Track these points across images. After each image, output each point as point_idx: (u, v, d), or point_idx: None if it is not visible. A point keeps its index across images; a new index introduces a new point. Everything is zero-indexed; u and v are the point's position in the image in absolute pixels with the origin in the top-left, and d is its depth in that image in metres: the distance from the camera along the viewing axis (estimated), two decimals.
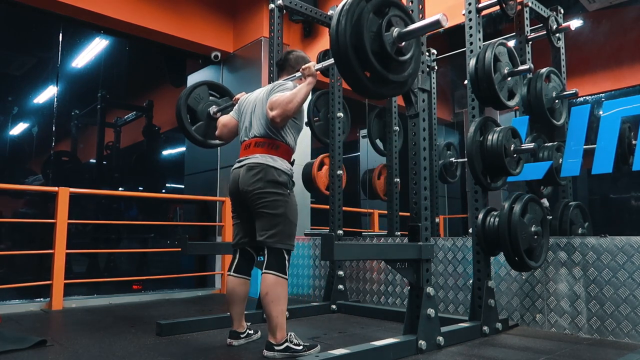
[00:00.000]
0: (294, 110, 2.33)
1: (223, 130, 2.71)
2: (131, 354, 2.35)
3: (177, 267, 5.44)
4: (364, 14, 1.97)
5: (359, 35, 1.95)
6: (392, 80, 2.09)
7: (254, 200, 2.38)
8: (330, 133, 3.97)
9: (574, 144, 3.11)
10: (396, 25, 2.08)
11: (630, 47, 3.84)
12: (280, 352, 2.24)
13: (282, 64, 2.70)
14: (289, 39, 5.42)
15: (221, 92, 3.36)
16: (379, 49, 2.03)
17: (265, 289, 2.27)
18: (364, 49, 1.96)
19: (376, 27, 2.03)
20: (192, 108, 3.17)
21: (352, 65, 1.98)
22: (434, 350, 2.39)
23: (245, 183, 2.39)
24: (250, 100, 2.59)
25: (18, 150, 4.90)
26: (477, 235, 2.79)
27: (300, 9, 3.75)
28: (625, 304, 2.61)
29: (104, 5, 4.60)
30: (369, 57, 1.97)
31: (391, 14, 2.08)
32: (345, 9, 1.97)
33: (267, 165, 2.37)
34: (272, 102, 2.35)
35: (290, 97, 2.31)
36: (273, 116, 2.32)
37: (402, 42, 2.08)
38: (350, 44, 1.95)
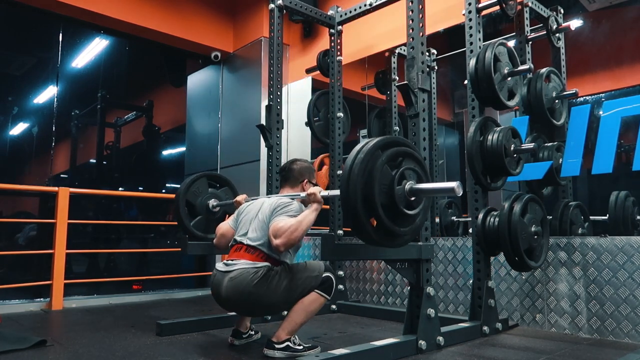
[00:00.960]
0: (299, 239, 2.25)
1: (221, 241, 2.60)
2: (131, 354, 2.35)
3: (177, 267, 5.44)
4: (377, 166, 1.90)
5: (370, 186, 1.88)
6: (398, 233, 2.01)
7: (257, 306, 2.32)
8: (330, 133, 3.97)
9: (574, 144, 3.10)
10: (409, 178, 2.01)
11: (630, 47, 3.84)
12: (280, 351, 2.24)
13: (285, 174, 2.62)
14: (289, 39, 5.43)
15: (221, 182, 3.30)
16: (389, 202, 1.95)
17: (305, 300, 2.27)
18: (373, 201, 1.88)
19: (388, 180, 1.95)
20: (191, 202, 3.10)
21: (359, 216, 1.89)
22: (434, 350, 2.39)
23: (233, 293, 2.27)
24: (251, 210, 2.50)
25: (18, 150, 4.90)
26: (477, 235, 2.79)
27: (300, 9, 3.75)
28: (625, 304, 2.61)
29: (104, 5, 4.60)
30: (378, 209, 1.90)
31: (405, 167, 2.00)
32: (360, 158, 1.88)
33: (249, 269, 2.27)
34: (276, 229, 2.24)
35: (295, 226, 2.22)
36: (277, 244, 2.22)
37: (413, 197, 2.00)
38: (360, 194, 1.87)
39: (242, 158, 5.17)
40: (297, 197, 2.47)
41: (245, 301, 2.27)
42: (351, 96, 4.51)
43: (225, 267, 2.34)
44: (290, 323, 2.27)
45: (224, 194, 3.25)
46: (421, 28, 2.71)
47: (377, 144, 1.95)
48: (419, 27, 2.70)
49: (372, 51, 4.71)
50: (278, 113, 3.52)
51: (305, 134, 4.77)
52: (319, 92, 4.17)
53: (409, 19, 2.74)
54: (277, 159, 3.48)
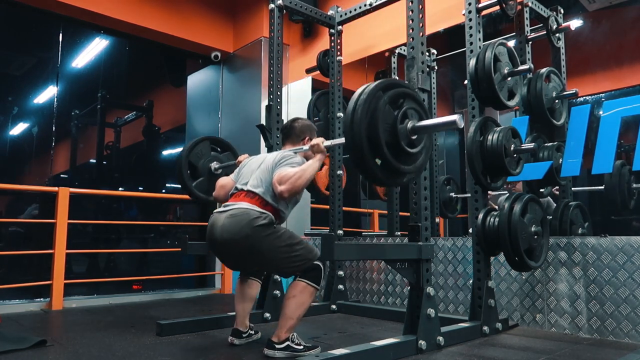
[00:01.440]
0: (303, 186, 2.28)
1: (220, 192, 2.60)
2: (131, 354, 2.35)
3: (177, 267, 5.44)
4: (380, 106, 1.94)
5: (374, 126, 1.92)
6: (401, 170, 2.05)
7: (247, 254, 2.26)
8: (330, 133, 3.97)
9: (574, 144, 3.10)
10: (411, 118, 2.05)
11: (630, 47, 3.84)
12: (281, 351, 2.24)
13: (287, 132, 2.64)
14: (289, 39, 5.43)
15: (223, 147, 3.33)
16: (393, 141, 1.99)
17: (294, 292, 2.26)
18: (378, 140, 1.92)
19: (391, 119, 2.00)
20: (193, 164, 3.13)
21: (365, 156, 1.94)
22: (434, 350, 2.39)
23: (229, 231, 2.24)
24: (253, 163, 2.51)
25: (18, 150, 4.90)
26: (477, 235, 2.79)
27: (300, 9, 3.75)
28: (625, 304, 2.61)
29: (104, 5, 4.60)
30: (383, 148, 1.94)
31: (406, 107, 2.04)
32: (362, 99, 1.93)
33: (249, 209, 2.27)
34: (280, 177, 2.27)
35: (300, 174, 2.25)
36: (281, 191, 2.25)
37: (415, 135, 2.05)
38: (365, 135, 1.91)
39: None
40: (300, 151, 2.50)
41: (239, 243, 2.22)
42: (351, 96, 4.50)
43: (224, 208, 2.33)
44: (287, 319, 2.26)
45: (226, 158, 3.28)
46: (421, 28, 2.71)
47: (378, 85, 1.99)
48: (419, 27, 2.70)
49: (372, 51, 4.71)
50: (278, 113, 3.52)
51: None
52: (319, 92, 4.17)
53: (409, 19, 2.74)
54: None
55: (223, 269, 4.96)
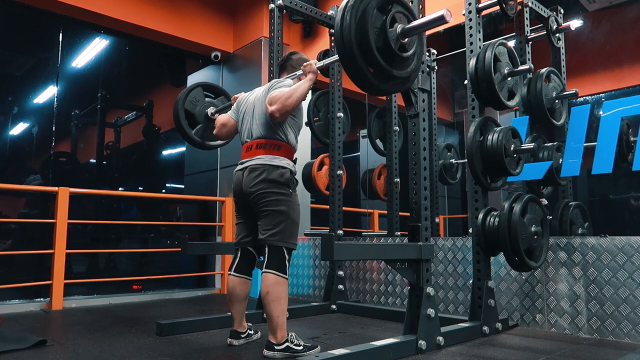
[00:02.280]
0: (294, 106, 2.33)
1: (222, 130, 2.69)
2: (131, 354, 2.35)
3: (177, 267, 5.44)
4: (368, 10, 1.98)
5: (363, 31, 1.96)
6: (395, 75, 2.10)
7: (257, 201, 2.38)
8: (330, 133, 3.97)
9: (574, 144, 3.10)
10: (400, 21, 2.09)
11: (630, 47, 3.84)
12: (280, 352, 2.24)
13: (283, 63, 2.71)
14: (289, 39, 5.42)
15: (216, 92, 3.35)
16: (383, 45, 2.04)
17: (266, 289, 2.27)
18: (368, 44, 1.97)
19: (380, 23, 2.04)
20: (190, 112, 3.16)
21: (356, 61, 1.99)
22: (434, 350, 2.39)
23: (248, 185, 2.39)
24: (250, 100, 2.58)
25: (18, 150, 4.90)
26: (477, 235, 2.79)
27: (300, 9, 3.75)
28: (625, 304, 2.61)
29: (104, 5, 4.60)
30: (374, 52, 1.98)
31: (395, 10, 2.09)
32: (350, 5, 1.97)
33: (269, 166, 2.37)
34: (271, 98, 2.35)
35: (290, 93, 2.32)
36: (272, 111, 2.32)
37: (406, 38, 2.09)
38: (355, 40, 1.96)
39: None
40: (293, 76, 2.56)
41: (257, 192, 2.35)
42: (351, 96, 4.50)
43: (242, 165, 2.45)
44: (273, 320, 2.25)
45: (221, 102, 3.31)
46: None
47: None
48: None
49: None
50: None
51: (305, 134, 4.76)
52: (319, 92, 4.17)
53: None
54: None
55: (223, 268, 4.96)
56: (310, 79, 2.39)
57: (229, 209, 4.96)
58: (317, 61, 2.46)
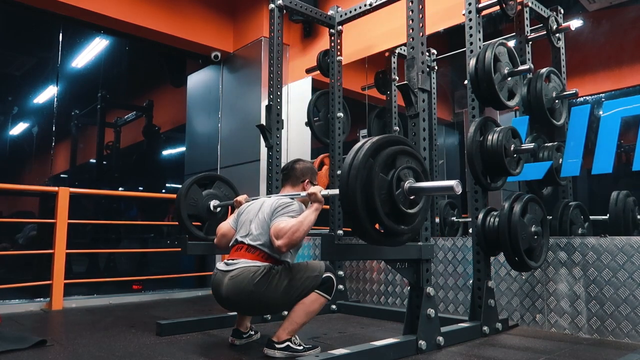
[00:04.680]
0: (301, 239, 2.25)
1: (222, 241, 2.59)
2: (131, 354, 2.35)
3: (177, 267, 5.44)
4: (373, 177, 1.89)
5: (370, 198, 1.88)
6: (402, 232, 2.03)
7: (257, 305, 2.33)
8: (330, 133, 3.97)
9: (574, 144, 3.10)
10: (406, 178, 2.00)
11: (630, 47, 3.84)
12: (281, 351, 2.24)
13: (287, 172, 2.63)
14: (289, 39, 5.43)
15: (210, 180, 3.29)
16: (390, 208, 1.96)
17: (305, 300, 2.26)
18: (376, 210, 1.88)
19: (386, 187, 1.95)
20: (193, 214, 3.12)
21: (363, 224, 1.91)
22: (434, 350, 2.39)
23: (232, 292, 2.27)
24: (252, 210, 2.49)
25: (18, 150, 4.90)
26: (477, 235, 2.79)
27: (300, 9, 3.75)
28: (625, 304, 2.61)
29: (104, 5, 4.60)
30: (381, 217, 1.91)
31: (400, 167, 1.99)
32: (352, 174, 1.88)
33: (250, 267, 2.28)
34: (277, 230, 2.24)
35: (297, 226, 2.22)
36: (279, 245, 2.23)
37: (413, 195, 2.01)
38: (362, 208, 1.88)
39: (242, 158, 5.17)
40: (297, 196, 2.48)
41: (245, 300, 2.27)
42: (351, 96, 4.50)
43: (226, 267, 2.34)
44: (291, 323, 2.27)
45: (218, 189, 3.26)
46: (421, 28, 2.71)
47: (367, 152, 1.91)
48: (419, 27, 2.70)
49: (372, 51, 4.71)
50: (278, 113, 3.52)
51: (305, 134, 4.77)
52: (319, 92, 4.17)
53: (409, 19, 2.74)
54: (277, 159, 3.48)
55: None
56: (316, 209, 2.29)
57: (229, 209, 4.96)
58: (322, 188, 2.35)
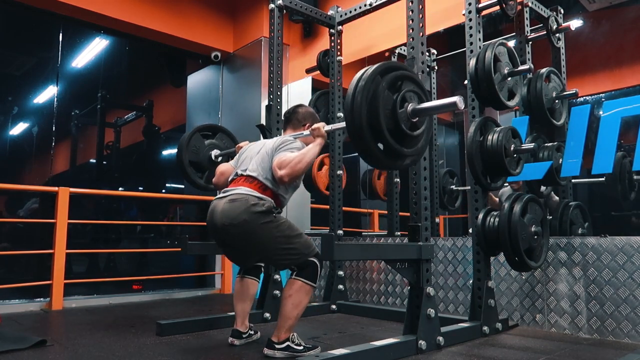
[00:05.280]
0: (303, 171, 2.27)
1: (220, 179, 2.59)
2: (131, 354, 2.35)
3: (177, 267, 5.44)
4: (379, 92, 1.93)
5: (374, 113, 1.92)
6: (404, 153, 2.05)
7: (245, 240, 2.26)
8: (330, 133, 3.96)
9: (574, 144, 3.10)
10: (410, 100, 2.04)
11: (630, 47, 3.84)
12: (281, 351, 2.24)
13: (289, 116, 2.65)
14: (289, 39, 5.42)
15: (213, 130, 3.32)
16: (394, 125, 1.99)
17: (290, 292, 2.24)
18: (379, 126, 1.92)
19: (391, 105, 1.99)
20: (194, 161, 3.13)
21: (366, 139, 1.94)
22: (434, 350, 2.39)
23: (227, 216, 2.24)
24: (253, 149, 2.51)
25: (18, 150, 4.90)
26: (477, 235, 2.79)
27: (300, 9, 3.75)
28: (625, 304, 2.61)
29: (104, 5, 4.60)
30: (385, 134, 1.94)
31: (405, 89, 2.03)
32: (361, 85, 1.92)
33: (249, 195, 2.27)
34: (280, 161, 2.27)
35: (299, 158, 2.25)
36: (281, 175, 2.24)
37: (416, 117, 2.04)
38: (366, 122, 1.92)
39: None
40: (300, 136, 2.49)
41: (238, 228, 2.22)
42: None
43: (224, 194, 2.34)
44: (285, 320, 2.25)
45: (220, 140, 3.28)
46: (421, 28, 2.71)
47: (376, 70, 1.97)
48: (419, 27, 2.70)
49: (372, 51, 4.71)
50: (278, 113, 3.53)
51: None
52: (319, 92, 4.17)
53: (409, 19, 2.74)
54: None
55: (223, 269, 4.96)
56: (319, 143, 2.33)
57: None
58: (325, 124, 2.39)
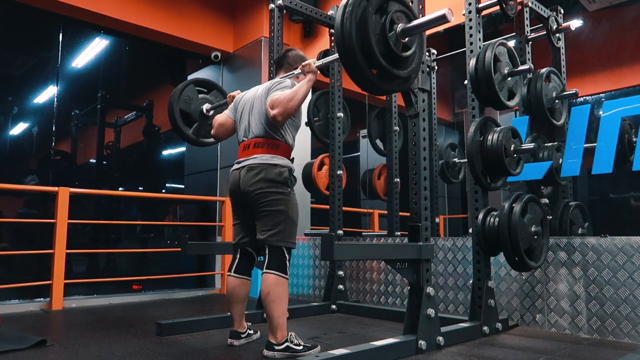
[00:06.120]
0: (295, 108, 2.32)
1: (219, 130, 2.66)
2: (131, 354, 2.35)
3: (177, 267, 5.44)
4: (367, 16, 1.97)
5: (364, 38, 1.96)
6: (397, 75, 2.10)
7: (256, 200, 2.37)
8: (330, 133, 3.97)
9: (574, 144, 3.11)
10: (399, 21, 2.08)
11: (630, 47, 3.85)
12: (280, 352, 2.24)
13: (279, 61, 2.69)
14: (289, 39, 5.42)
15: (208, 86, 3.33)
16: (385, 48, 2.04)
17: (267, 289, 2.27)
18: (371, 50, 1.96)
19: (380, 28, 2.03)
20: (184, 111, 3.15)
21: (360, 66, 1.98)
22: (434, 350, 2.39)
23: (246, 184, 2.37)
24: (247, 99, 2.56)
25: (18, 150, 4.90)
26: (477, 235, 2.79)
27: (300, 9, 3.75)
28: (625, 304, 2.61)
29: (104, 5, 4.60)
30: (376, 56, 1.98)
31: (393, 10, 2.07)
32: (348, 11, 1.96)
33: (267, 165, 2.37)
34: (272, 101, 2.32)
35: (291, 95, 2.29)
36: (274, 115, 2.30)
37: (406, 37, 2.09)
38: (357, 46, 1.96)
39: None
40: (291, 75, 2.53)
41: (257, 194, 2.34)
42: (351, 96, 4.50)
43: (240, 164, 2.44)
44: (274, 320, 2.26)
45: (214, 97, 3.29)
46: None
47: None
48: None
49: None
50: None
51: (305, 134, 4.76)
52: (319, 92, 4.17)
53: None
54: None
55: (223, 269, 4.96)
56: (310, 80, 2.36)
57: (229, 209, 4.95)
58: (315, 60, 2.43)
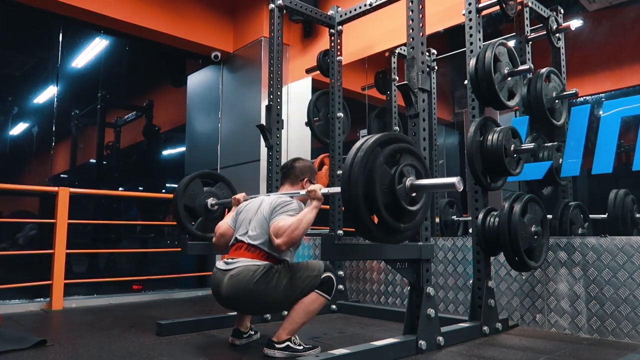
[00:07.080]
0: (300, 237, 2.24)
1: (221, 240, 2.59)
2: (131, 354, 2.35)
3: (177, 267, 5.44)
4: (377, 166, 1.90)
5: (371, 186, 1.88)
6: (401, 229, 2.02)
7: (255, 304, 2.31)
8: (330, 133, 3.97)
9: (574, 144, 3.10)
10: (408, 175, 2.02)
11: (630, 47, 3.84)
12: (281, 351, 2.25)
13: (286, 171, 2.62)
14: (289, 39, 5.43)
15: (215, 179, 3.29)
16: (391, 201, 1.97)
17: (305, 300, 2.26)
18: (375, 200, 1.89)
19: (389, 179, 1.96)
20: (189, 206, 3.10)
21: (362, 215, 1.90)
22: (434, 350, 2.39)
23: (232, 289, 2.27)
24: (250, 210, 2.48)
25: (18, 150, 4.90)
26: (477, 235, 2.79)
27: (300, 9, 3.75)
28: (625, 304, 2.61)
29: (104, 5, 4.60)
30: (381, 210, 1.91)
31: (403, 164, 2.01)
32: (359, 157, 1.89)
33: (251, 266, 2.27)
34: (277, 229, 2.24)
35: (296, 224, 2.21)
36: (279, 244, 2.22)
37: (414, 193, 2.02)
38: (362, 195, 1.88)
39: (242, 158, 5.17)
40: (296, 194, 2.47)
41: (245, 299, 2.27)
42: (351, 96, 4.51)
43: (226, 266, 2.34)
44: (291, 323, 2.27)
45: (220, 190, 3.26)
46: (421, 28, 2.71)
47: (375, 141, 1.94)
48: (419, 27, 2.70)
49: (372, 51, 4.71)
50: (278, 113, 3.53)
51: (305, 134, 4.77)
52: (319, 92, 4.17)
53: (409, 19, 2.74)
54: (277, 159, 3.48)
55: None
56: (315, 207, 2.28)
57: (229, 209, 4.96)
58: (321, 186, 2.35)
